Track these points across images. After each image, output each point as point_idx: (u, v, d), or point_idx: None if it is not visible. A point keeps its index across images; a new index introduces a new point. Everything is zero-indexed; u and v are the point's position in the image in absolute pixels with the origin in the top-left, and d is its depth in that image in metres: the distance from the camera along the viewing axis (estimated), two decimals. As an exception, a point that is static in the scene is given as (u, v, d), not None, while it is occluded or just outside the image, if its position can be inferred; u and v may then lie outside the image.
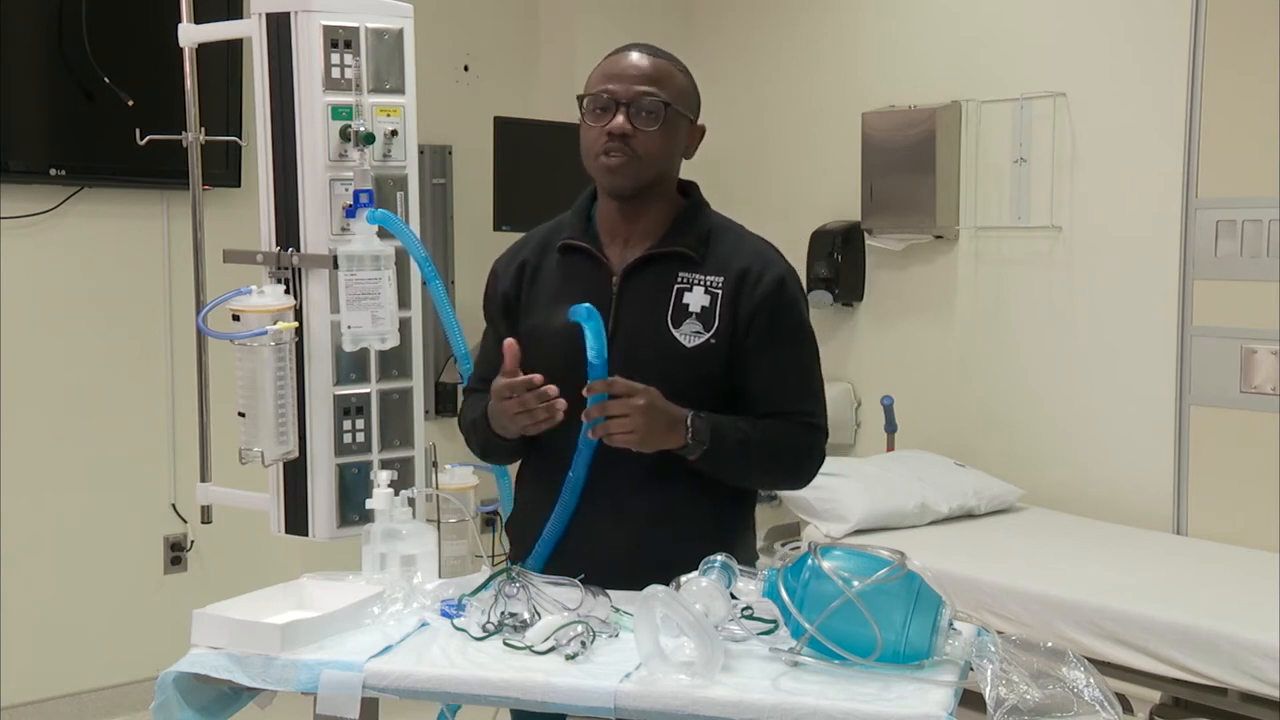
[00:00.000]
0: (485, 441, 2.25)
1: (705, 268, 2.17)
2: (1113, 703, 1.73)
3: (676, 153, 2.20)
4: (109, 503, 4.13)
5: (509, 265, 2.29)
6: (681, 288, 2.16)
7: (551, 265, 2.23)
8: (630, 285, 2.17)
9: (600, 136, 2.14)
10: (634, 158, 2.13)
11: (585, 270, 2.19)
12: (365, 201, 2.57)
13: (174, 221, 4.17)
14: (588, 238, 2.21)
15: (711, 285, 2.16)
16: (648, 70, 2.15)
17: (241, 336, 2.52)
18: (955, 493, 4.19)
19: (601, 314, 2.06)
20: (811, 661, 1.77)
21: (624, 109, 2.12)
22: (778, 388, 2.18)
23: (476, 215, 4.70)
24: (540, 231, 2.31)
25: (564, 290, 2.19)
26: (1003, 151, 4.43)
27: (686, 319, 2.15)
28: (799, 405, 2.20)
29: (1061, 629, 3.34)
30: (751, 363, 2.16)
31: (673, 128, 2.15)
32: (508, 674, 1.78)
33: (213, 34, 2.98)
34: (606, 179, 2.17)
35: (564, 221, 2.27)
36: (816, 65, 4.95)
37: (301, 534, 2.74)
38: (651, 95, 2.12)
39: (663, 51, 2.20)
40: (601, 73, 2.18)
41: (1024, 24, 4.40)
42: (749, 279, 2.16)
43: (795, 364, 2.21)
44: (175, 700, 1.85)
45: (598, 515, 2.14)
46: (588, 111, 2.17)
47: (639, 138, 2.12)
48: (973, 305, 4.56)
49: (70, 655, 4.06)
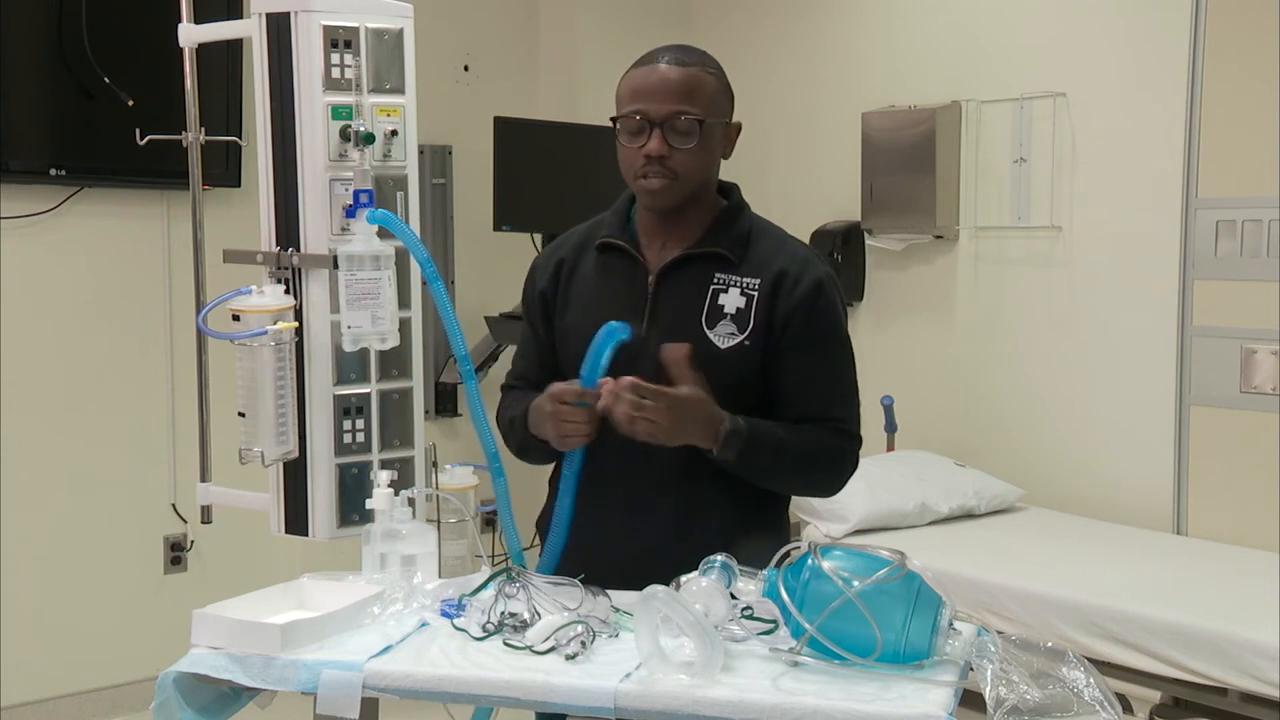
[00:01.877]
0: (522, 441, 2.26)
1: (742, 269, 2.16)
2: (1113, 703, 1.73)
3: (714, 160, 2.18)
4: (109, 503, 4.13)
5: (547, 263, 2.29)
6: (717, 288, 2.15)
7: (589, 264, 2.23)
8: (666, 285, 2.17)
9: (637, 158, 2.12)
10: (673, 178, 2.12)
11: (622, 269, 2.19)
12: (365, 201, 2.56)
13: (174, 221, 4.17)
14: (626, 237, 2.21)
15: (748, 287, 2.15)
16: (678, 85, 2.11)
17: (241, 336, 2.51)
18: (955, 493, 4.19)
19: (637, 312, 2.08)
20: (811, 661, 1.77)
21: (658, 130, 2.10)
22: (812, 392, 2.17)
23: (476, 215, 4.70)
24: (579, 230, 2.30)
25: (601, 289, 2.20)
26: (1003, 151, 4.43)
27: (721, 320, 2.14)
28: (833, 411, 2.19)
29: (1061, 629, 3.35)
30: (786, 366, 2.15)
31: (709, 140, 2.14)
32: (508, 674, 1.78)
33: (213, 34, 2.98)
34: (647, 200, 2.17)
35: (603, 221, 2.27)
36: (816, 65, 4.95)
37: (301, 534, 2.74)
38: (685, 113, 2.10)
39: (692, 54, 2.17)
40: (631, 89, 2.15)
41: (1024, 24, 4.40)
42: (786, 282, 2.15)
43: (831, 369, 2.19)
44: (175, 700, 1.85)
45: (626, 514, 2.15)
46: (622, 132, 2.15)
47: (676, 157, 2.11)
48: (973, 305, 4.56)
49: (70, 655, 4.06)
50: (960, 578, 3.54)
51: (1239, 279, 3.91)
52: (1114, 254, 4.20)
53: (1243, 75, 3.88)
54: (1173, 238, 4.04)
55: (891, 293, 4.77)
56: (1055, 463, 4.36)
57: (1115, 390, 4.21)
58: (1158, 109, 4.07)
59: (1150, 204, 4.10)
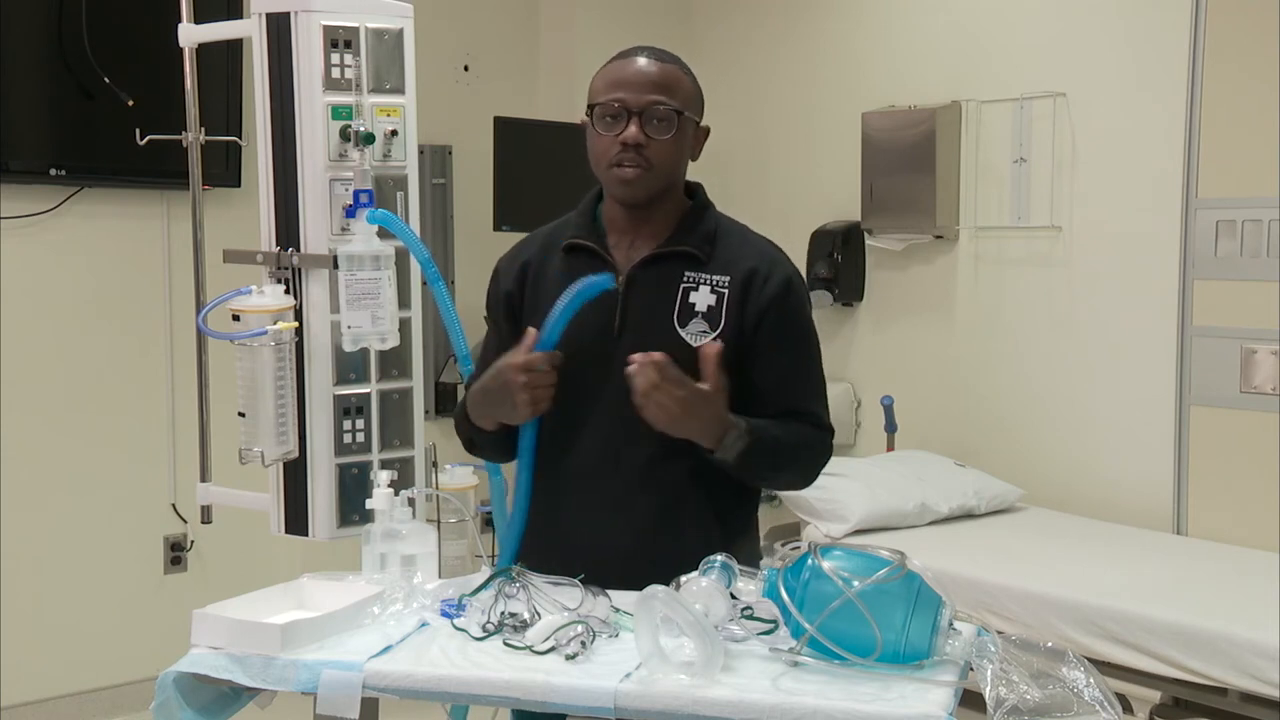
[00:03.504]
0: (469, 434, 2.26)
1: (711, 267, 2.17)
2: (1113, 703, 1.73)
3: (684, 157, 2.20)
4: (109, 503, 4.13)
5: (511, 265, 2.29)
6: (688, 287, 2.16)
7: (555, 265, 2.23)
8: (636, 284, 2.17)
9: (612, 146, 2.13)
10: (648, 168, 2.13)
11: (591, 269, 2.19)
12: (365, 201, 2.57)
13: (174, 221, 4.17)
14: (593, 237, 2.21)
15: (718, 285, 2.16)
16: (657, 77, 2.14)
17: (241, 336, 2.52)
18: (955, 493, 4.19)
19: (608, 312, 2.09)
20: (811, 661, 1.77)
21: (636, 118, 2.12)
22: (787, 388, 2.18)
23: (476, 215, 4.70)
24: (543, 232, 2.31)
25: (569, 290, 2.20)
26: (1003, 151, 4.43)
27: (693, 318, 2.15)
28: (808, 405, 2.21)
29: (1061, 629, 3.34)
30: (759, 363, 2.16)
31: (683, 134, 2.16)
32: (508, 674, 1.78)
33: (213, 34, 2.98)
34: (620, 190, 2.17)
35: (568, 221, 2.27)
36: (816, 65, 4.95)
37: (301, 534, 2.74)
38: (664, 104, 2.12)
39: (668, 55, 2.19)
40: (609, 80, 2.17)
41: (1024, 24, 4.40)
42: (756, 280, 2.16)
43: (803, 365, 2.21)
44: (175, 700, 1.85)
45: (600, 512, 2.15)
46: (598, 120, 2.16)
47: (652, 146, 2.12)
48: (973, 305, 4.56)
49: (70, 655, 4.06)
50: (960, 578, 3.53)
51: (1239, 279, 3.91)
52: (1114, 254, 4.20)
53: (1243, 75, 3.88)
54: (1173, 238, 4.04)
55: (891, 293, 4.77)
56: (1055, 463, 4.36)
57: (1115, 390, 4.21)
58: (1158, 109, 4.07)
59: (1150, 204, 4.10)
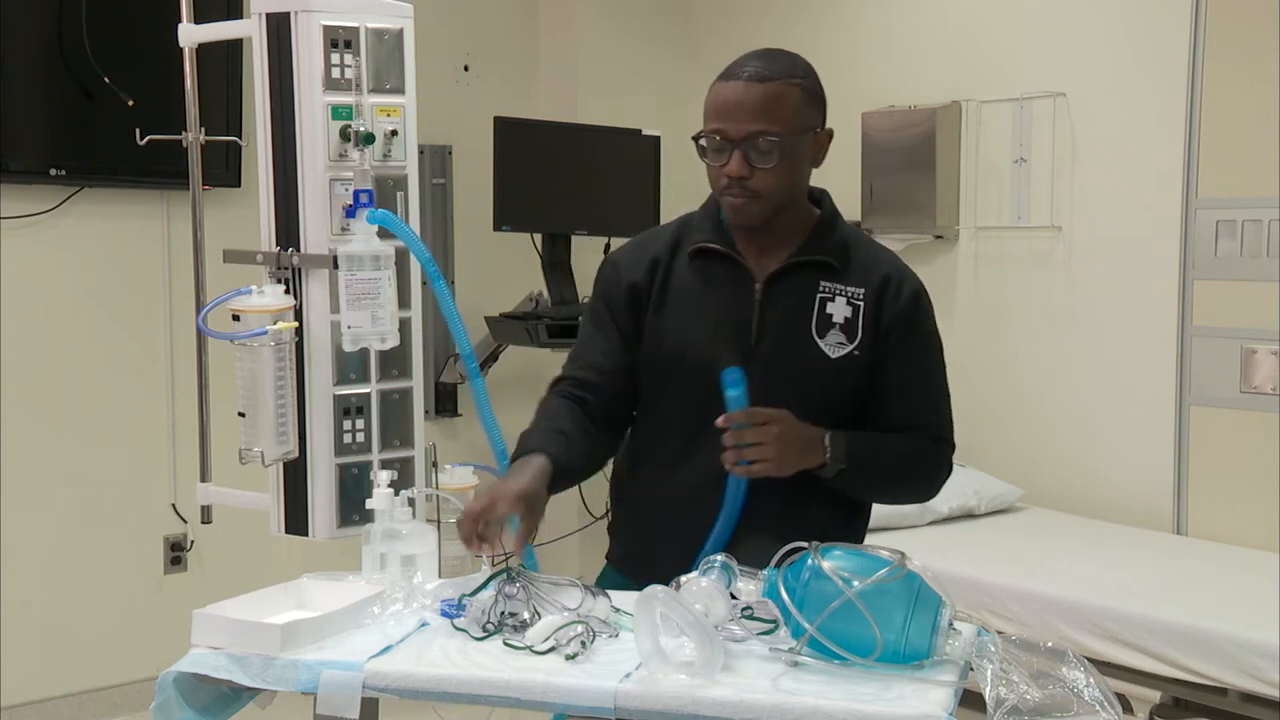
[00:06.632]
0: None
1: (846, 278, 2.16)
2: (1113, 703, 1.73)
3: (801, 172, 2.17)
4: (109, 503, 4.13)
5: (638, 258, 2.24)
6: (824, 297, 2.15)
7: (684, 267, 2.20)
8: (773, 293, 2.16)
9: (720, 176, 2.12)
10: (754, 197, 2.11)
11: (724, 276, 2.17)
12: (365, 201, 2.57)
13: (174, 221, 4.17)
14: (725, 243, 2.19)
15: (853, 296, 2.15)
16: (759, 104, 2.08)
17: (241, 336, 2.52)
18: (955, 493, 4.19)
19: (744, 321, 2.10)
20: (811, 661, 1.77)
21: (738, 150, 2.09)
22: (911, 400, 2.18)
23: (476, 215, 4.70)
24: (667, 230, 2.27)
25: (704, 295, 2.18)
26: (1003, 151, 4.43)
27: (830, 329, 2.14)
28: (930, 418, 2.20)
29: (1061, 629, 3.34)
30: (887, 375, 2.16)
31: (791, 156, 2.11)
32: (508, 674, 1.78)
33: (213, 34, 2.98)
34: (733, 216, 2.16)
35: (691, 223, 2.24)
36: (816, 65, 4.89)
37: (301, 534, 2.74)
38: (764, 134, 2.08)
39: (777, 64, 2.14)
40: (712, 106, 2.12)
41: (1024, 24, 4.40)
42: (889, 291, 2.16)
43: (928, 377, 2.21)
44: (175, 700, 1.85)
45: None
46: (705, 149, 2.14)
47: (757, 176, 2.09)
48: (973, 305, 4.56)
49: (70, 655, 4.06)
50: (960, 578, 3.53)
51: (1239, 279, 3.91)
52: (1114, 254, 4.20)
53: (1243, 75, 3.88)
54: (1173, 238, 4.04)
55: (891, 293, 4.77)
56: (1055, 463, 4.36)
57: (1115, 390, 4.21)
58: (1158, 109, 4.07)
59: (1150, 204, 4.09)
